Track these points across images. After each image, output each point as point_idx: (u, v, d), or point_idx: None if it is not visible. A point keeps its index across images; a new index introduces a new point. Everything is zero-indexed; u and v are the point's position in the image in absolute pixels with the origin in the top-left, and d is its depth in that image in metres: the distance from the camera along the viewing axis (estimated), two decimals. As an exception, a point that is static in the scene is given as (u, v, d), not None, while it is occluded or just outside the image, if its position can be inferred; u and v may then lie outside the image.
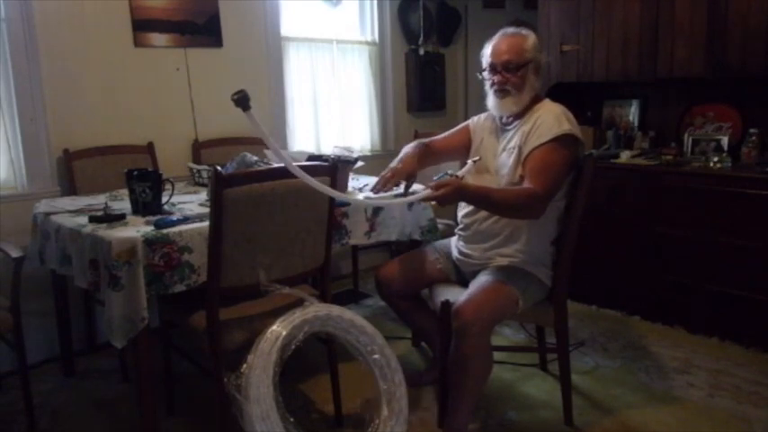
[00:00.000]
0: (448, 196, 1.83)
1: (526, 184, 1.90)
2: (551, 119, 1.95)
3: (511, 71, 2.01)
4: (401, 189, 2.16)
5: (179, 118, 3.19)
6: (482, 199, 1.92)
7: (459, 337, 1.87)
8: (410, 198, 2.06)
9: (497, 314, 1.95)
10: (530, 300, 2.01)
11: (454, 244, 2.25)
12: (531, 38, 2.05)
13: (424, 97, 4.32)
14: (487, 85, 2.09)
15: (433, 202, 1.88)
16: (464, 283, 2.15)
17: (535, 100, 2.06)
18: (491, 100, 2.09)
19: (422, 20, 4.14)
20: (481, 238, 2.09)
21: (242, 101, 1.54)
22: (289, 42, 3.62)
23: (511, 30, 2.07)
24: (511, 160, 2.01)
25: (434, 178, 1.90)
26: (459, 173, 1.98)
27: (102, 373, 2.68)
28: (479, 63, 2.12)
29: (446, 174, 1.94)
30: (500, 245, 2.04)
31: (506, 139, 2.07)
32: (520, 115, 2.05)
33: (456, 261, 2.22)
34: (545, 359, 2.58)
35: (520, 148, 1.98)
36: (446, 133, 2.33)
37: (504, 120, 2.11)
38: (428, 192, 1.85)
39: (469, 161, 2.05)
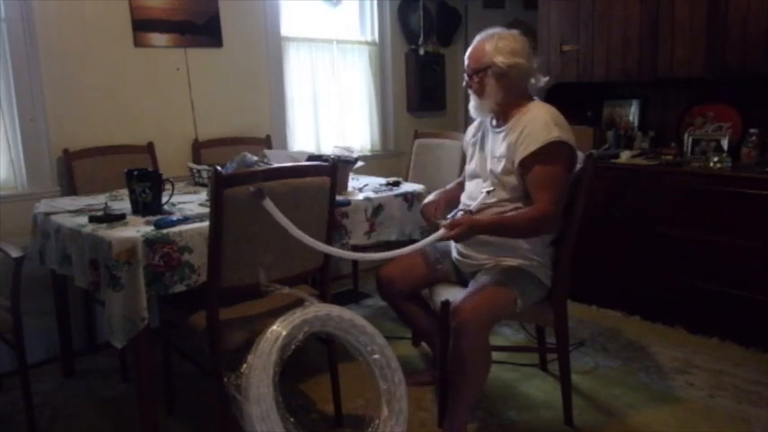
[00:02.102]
0: (462, 235, 1.89)
1: (534, 201, 1.91)
2: (539, 127, 1.93)
3: (473, 77, 2.04)
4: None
5: (179, 118, 3.19)
6: (497, 230, 1.95)
7: (456, 337, 1.88)
8: (424, 242, 1.98)
9: (496, 314, 1.96)
10: (529, 299, 2.01)
11: (453, 245, 2.24)
12: (494, 42, 2.00)
13: (424, 97, 4.32)
14: None
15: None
16: (464, 283, 2.15)
17: (517, 104, 2.03)
18: None
19: (422, 20, 4.14)
20: (480, 240, 2.08)
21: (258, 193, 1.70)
22: (289, 42, 3.62)
23: (490, 31, 2.06)
24: (499, 169, 2.01)
25: (448, 216, 1.96)
26: (473, 207, 2.01)
27: (102, 373, 2.68)
28: None
29: (459, 211, 1.97)
30: (499, 246, 2.04)
31: (495, 142, 2.07)
32: (505, 119, 2.05)
33: (455, 262, 2.22)
34: (545, 359, 2.58)
35: (509, 158, 1.98)
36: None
37: (491, 122, 2.12)
38: (442, 232, 1.90)
39: (483, 192, 2.04)
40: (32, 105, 2.70)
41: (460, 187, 2.33)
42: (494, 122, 2.11)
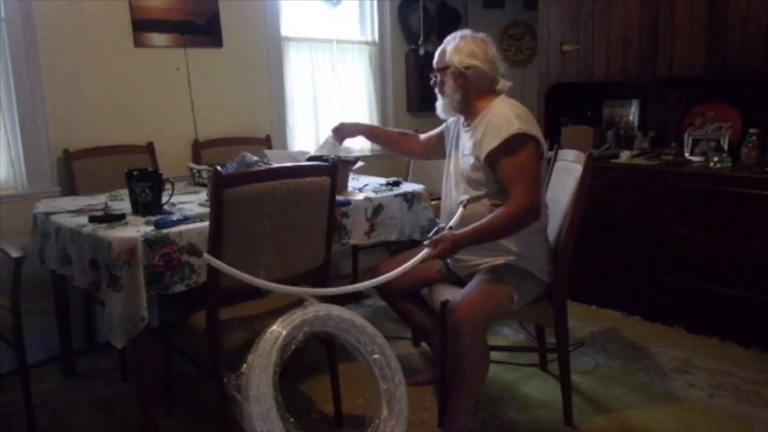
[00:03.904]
0: (446, 251, 1.91)
1: (510, 196, 1.91)
2: (500, 121, 1.94)
3: (434, 75, 2.10)
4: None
5: (179, 118, 3.19)
6: (481, 238, 1.93)
7: (453, 336, 1.88)
8: (411, 263, 1.96)
9: (491, 312, 1.96)
10: (525, 296, 2.01)
11: None
12: (454, 43, 2.04)
13: (424, 97, 4.30)
14: None
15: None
16: (461, 283, 2.14)
17: (483, 103, 2.04)
18: None
19: (422, 20, 4.14)
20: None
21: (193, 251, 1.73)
22: (289, 42, 3.62)
23: (457, 33, 2.08)
24: (469, 167, 2.03)
25: (429, 235, 1.97)
26: (452, 222, 2.01)
27: (102, 373, 2.68)
28: None
29: (439, 228, 1.98)
30: (488, 247, 2.03)
31: (464, 141, 2.10)
32: (472, 117, 2.06)
33: (450, 265, 2.22)
34: (545, 359, 2.58)
35: (476, 156, 2.00)
36: (432, 132, 2.42)
37: (463, 122, 2.14)
38: (426, 251, 1.92)
39: (461, 207, 2.04)
40: (32, 105, 2.70)
41: (402, 138, 2.53)
42: (464, 122, 2.13)
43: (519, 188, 1.89)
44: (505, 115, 1.95)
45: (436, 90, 2.13)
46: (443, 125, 2.34)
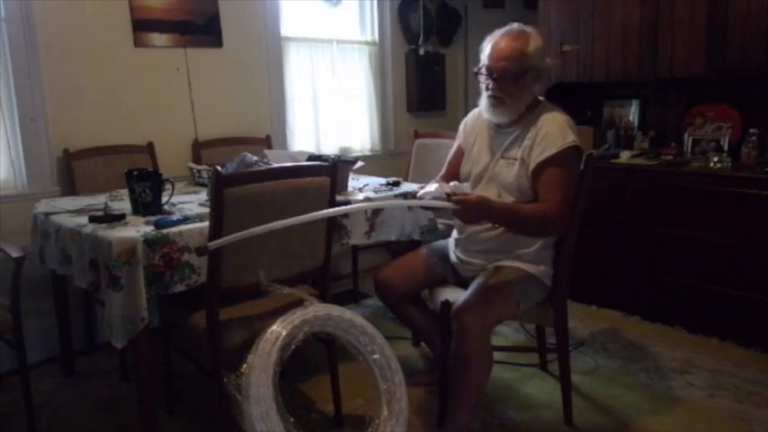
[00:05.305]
0: (470, 204, 1.74)
1: (544, 201, 1.86)
2: (555, 130, 1.89)
3: (508, 80, 1.89)
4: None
5: (179, 118, 3.20)
6: (505, 216, 1.84)
7: (459, 338, 1.87)
8: (432, 202, 1.83)
9: (498, 315, 1.95)
10: (531, 301, 2.00)
11: (452, 249, 2.23)
12: (534, 41, 1.91)
13: (423, 97, 4.32)
14: (481, 85, 1.98)
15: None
16: (463, 284, 2.14)
17: (533, 104, 1.97)
18: (483, 103, 1.99)
19: (422, 20, 4.14)
20: (480, 246, 2.07)
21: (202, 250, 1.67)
22: (289, 42, 3.62)
23: (515, 28, 1.94)
24: (513, 172, 1.95)
25: (451, 184, 1.86)
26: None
27: (102, 373, 2.68)
28: (479, 60, 2.01)
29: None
30: (499, 249, 2.03)
31: (503, 144, 2.00)
32: (517, 120, 1.98)
33: (455, 265, 2.21)
34: (545, 359, 2.58)
35: (523, 161, 1.93)
36: (446, 162, 2.25)
37: (494, 121, 2.04)
38: (453, 200, 1.75)
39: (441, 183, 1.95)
40: (32, 105, 2.70)
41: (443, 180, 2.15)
42: (502, 123, 2.01)
43: (558, 196, 1.85)
44: (560, 124, 1.90)
45: (490, 94, 1.93)
46: (455, 145, 2.22)
